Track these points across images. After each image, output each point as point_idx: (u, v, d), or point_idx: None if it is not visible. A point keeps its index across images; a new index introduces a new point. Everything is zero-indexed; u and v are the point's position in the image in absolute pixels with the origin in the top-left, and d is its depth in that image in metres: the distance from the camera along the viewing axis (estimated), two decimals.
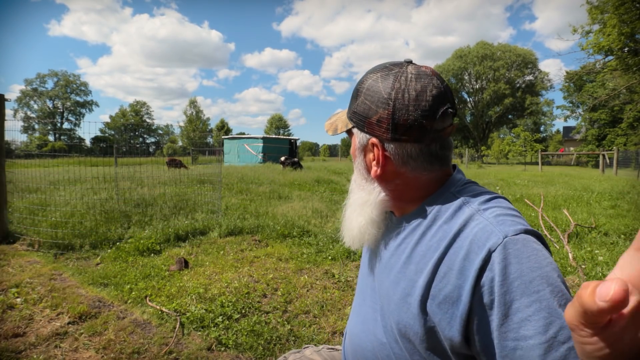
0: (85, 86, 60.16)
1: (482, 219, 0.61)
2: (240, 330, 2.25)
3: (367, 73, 0.73)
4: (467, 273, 0.57)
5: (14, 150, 7.93)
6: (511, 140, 37.46)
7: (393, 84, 0.66)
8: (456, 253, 0.60)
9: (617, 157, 17.25)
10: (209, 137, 42.35)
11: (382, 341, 0.72)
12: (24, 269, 3.20)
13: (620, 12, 13.55)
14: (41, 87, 57.04)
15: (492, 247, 0.56)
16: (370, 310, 0.78)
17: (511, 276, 0.53)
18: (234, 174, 10.65)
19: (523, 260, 0.54)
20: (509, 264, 0.54)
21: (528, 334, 0.51)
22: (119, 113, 61.92)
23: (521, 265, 0.54)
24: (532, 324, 0.51)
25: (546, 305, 0.51)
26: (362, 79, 0.73)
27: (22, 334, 2.14)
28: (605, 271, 2.87)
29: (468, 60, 45.45)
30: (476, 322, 0.56)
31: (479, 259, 0.56)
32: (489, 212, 0.62)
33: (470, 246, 0.58)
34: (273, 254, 3.75)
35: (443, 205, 0.67)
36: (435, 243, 0.64)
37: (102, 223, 4.50)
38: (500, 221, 0.59)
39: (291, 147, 25.28)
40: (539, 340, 0.50)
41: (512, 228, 0.57)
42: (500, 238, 0.56)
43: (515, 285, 0.53)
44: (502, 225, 0.58)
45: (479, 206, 0.64)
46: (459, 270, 0.58)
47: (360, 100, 0.71)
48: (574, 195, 7.67)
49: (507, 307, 0.53)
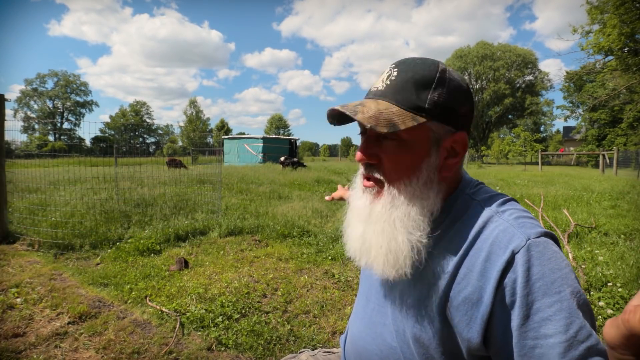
0: (85, 86, 60.25)
1: (502, 220, 0.61)
2: (240, 330, 2.25)
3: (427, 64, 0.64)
4: (489, 274, 0.57)
5: (14, 150, 7.93)
6: (511, 140, 37.46)
7: (462, 77, 0.67)
8: (476, 255, 0.60)
9: (617, 157, 17.26)
10: (209, 137, 42.35)
11: (391, 345, 0.70)
12: (24, 269, 3.19)
13: (620, 12, 13.54)
14: (41, 87, 57.11)
15: (516, 249, 0.56)
16: (376, 312, 0.75)
17: (534, 277, 0.54)
18: (234, 174, 10.66)
19: (545, 262, 0.55)
20: (532, 265, 0.55)
21: (549, 333, 0.52)
22: (119, 113, 61.97)
23: (543, 267, 0.55)
24: (553, 323, 0.52)
25: (567, 305, 0.52)
26: (429, 67, 0.64)
27: (22, 334, 2.14)
28: (605, 271, 2.87)
29: (468, 60, 45.47)
30: (497, 322, 0.56)
31: (501, 261, 0.56)
32: (507, 214, 0.62)
33: (492, 248, 0.58)
34: (273, 254, 3.75)
35: (461, 207, 0.67)
36: (454, 245, 0.63)
37: (102, 223, 4.50)
38: (521, 223, 0.60)
39: (291, 147, 25.29)
40: (560, 339, 0.51)
41: (533, 231, 0.58)
42: (524, 240, 0.56)
43: (537, 286, 0.54)
44: (524, 228, 0.59)
45: (497, 208, 0.64)
46: (480, 272, 0.58)
47: (445, 91, 0.63)
48: (574, 195, 7.67)
49: (529, 307, 0.54)
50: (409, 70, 0.64)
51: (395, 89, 0.63)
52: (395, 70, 0.66)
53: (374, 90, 0.66)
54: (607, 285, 2.61)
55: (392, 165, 0.64)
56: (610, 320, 0.42)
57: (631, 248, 3.74)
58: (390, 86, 0.64)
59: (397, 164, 0.64)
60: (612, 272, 2.85)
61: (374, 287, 0.77)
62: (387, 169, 0.65)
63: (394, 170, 0.64)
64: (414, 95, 0.62)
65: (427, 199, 0.64)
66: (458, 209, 0.66)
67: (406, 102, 0.62)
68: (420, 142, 0.63)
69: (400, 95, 0.62)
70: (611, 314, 2.25)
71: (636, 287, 2.60)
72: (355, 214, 0.70)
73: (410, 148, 0.63)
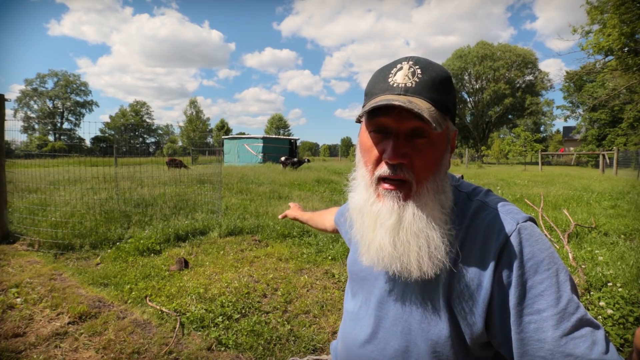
0: (85, 86, 60.24)
1: (491, 209, 0.67)
2: (240, 330, 2.25)
3: (439, 65, 0.67)
4: (486, 260, 0.62)
5: (14, 150, 7.94)
6: (511, 140, 37.46)
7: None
8: (472, 242, 0.64)
9: (617, 157, 17.26)
10: (209, 137, 42.37)
11: (396, 349, 0.69)
12: (24, 269, 3.19)
13: (621, 12, 13.54)
14: (41, 87, 57.10)
15: (508, 233, 0.62)
16: (377, 317, 0.73)
17: (525, 257, 0.60)
18: (234, 174, 10.66)
19: (533, 243, 0.61)
20: (523, 247, 0.60)
21: (542, 308, 0.57)
22: (119, 113, 61.98)
23: (532, 248, 0.60)
24: (544, 298, 0.57)
25: (555, 281, 0.58)
26: (444, 69, 0.66)
27: (22, 334, 2.14)
28: (605, 271, 2.87)
29: (468, 60, 45.44)
30: (496, 304, 0.61)
31: (496, 246, 0.61)
32: (493, 203, 0.68)
33: (486, 234, 0.63)
34: (273, 254, 3.75)
35: (454, 199, 0.70)
36: (451, 237, 0.65)
37: (102, 223, 4.50)
38: (508, 210, 0.66)
39: (291, 147, 25.30)
40: (552, 313, 0.56)
41: (520, 216, 0.64)
42: (514, 225, 0.62)
43: (529, 266, 0.59)
44: (512, 214, 0.65)
45: (483, 198, 0.70)
46: (477, 257, 0.63)
47: (454, 93, 0.68)
48: (574, 195, 7.67)
49: (523, 285, 0.59)
50: (431, 70, 0.64)
51: (426, 87, 0.62)
52: (417, 67, 0.64)
53: (402, 86, 0.62)
54: (607, 285, 2.60)
55: (424, 164, 0.63)
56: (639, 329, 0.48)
57: (631, 248, 3.74)
58: (420, 84, 0.62)
59: (428, 162, 0.64)
60: (612, 272, 2.85)
61: (376, 290, 0.75)
62: (419, 168, 0.63)
63: (424, 169, 0.64)
64: (443, 95, 0.63)
65: (447, 192, 0.67)
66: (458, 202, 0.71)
67: (438, 101, 0.62)
68: (442, 139, 0.65)
69: (434, 95, 0.62)
70: (611, 313, 2.25)
71: (636, 287, 2.60)
72: (377, 219, 0.65)
73: (436, 146, 0.64)
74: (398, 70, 0.64)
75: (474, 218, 0.66)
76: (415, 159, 0.63)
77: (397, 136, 0.63)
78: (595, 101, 21.03)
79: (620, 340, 2.09)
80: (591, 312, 2.37)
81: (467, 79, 47.19)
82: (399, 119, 0.62)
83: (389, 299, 0.72)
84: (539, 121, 46.43)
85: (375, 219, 0.65)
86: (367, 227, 0.67)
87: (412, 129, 0.62)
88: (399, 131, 0.63)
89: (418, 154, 0.63)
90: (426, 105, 0.60)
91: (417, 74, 0.63)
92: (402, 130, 0.63)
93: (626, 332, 2.12)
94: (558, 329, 0.55)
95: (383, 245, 0.64)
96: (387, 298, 0.72)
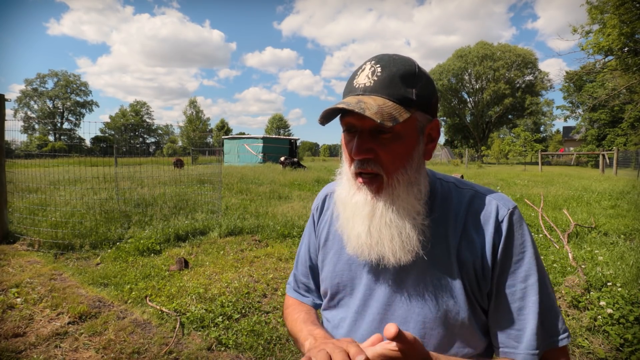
0: (85, 86, 60.26)
1: (482, 196, 0.75)
2: (240, 330, 2.25)
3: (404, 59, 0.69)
4: (483, 238, 0.71)
5: (14, 150, 7.94)
6: (511, 140, 37.44)
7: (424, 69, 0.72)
8: (470, 226, 0.72)
9: (617, 157, 17.26)
10: (209, 137, 42.37)
11: None
12: (24, 269, 3.20)
13: (620, 12, 13.53)
14: (41, 87, 57.14)
15: (501, 217, 0.71)
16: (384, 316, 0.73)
17: (511, 239, 0.70)
18: (234, 174, 10.66)
19: (518, 228, 0.71)
20: (511, 230, 0.70)
21: (514, 283, 0.69)
22: (119, 113, 62.02)
23: (517, 232, 0.71)
24: (517, 274, 0.69)
25: (527, 261, 0.69)
26: (408, 62, 0.68)
27: (22, 334, 2.14)
28: (605, 271, 2.87)
29: (468, 60, 45.44)
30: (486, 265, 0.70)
31: (492, 228, 0.70)
32: (482, 191, 0.76)
33: (483, 219, 0.72)
34: (273, 254, 3.75)
35: (443, 189, 0.77)
36: (452, 223, 0.73)
37: (102, 223, 4.50)
38: (498, 197, 0.75)
39: (291, 147, 25.29)
40: (521, 287, 0.68)
41: (510, 202, 0.73)
42: (506, 210, 0.71)
43: (513, 246, 0.70)
44: (503, 200, 0.74)
45: (472, 187, 0.77)
46: (475, 238, 0.71)
47: (423, 84, 0.68)
48: (574, 195, 7.67)
49: (506, 263, 0.70)
50: (392, 66, 0.67)
51: (384, 84, 0.66)
52: (378, 66, 0.67)
53: (362, 86, 0.67)
54: (607, 285, 2.61)
55: (390, 157, 0.67)
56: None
57: (631, 248, 3.75)
58: (378, 82, 0.66)
59: (394, 155, 0.67)
60: (612, 272, 2.85)
61: (382, 286, 0.75)
62: (385, 162, 0.67)
63: (391, 162, 0.67)
64: (402, 89, 0.66)
65: (420, 183, 0.71)
66: (443, 191, 0.77)
67: (397, 96, 0.65)
68: (410, 132, 0.68)
69: (391, 90, 0.65)
70: (611, 313, 2.26)
71: (636, 286, 2.60)
72: (355, 210, 0.71)
73: (403, 139, 0.67)
74: (361, 72, 0.69)
75: (470, 205, 0.74)
76: (381, 153, 0.67)
77: (361, 133, 0.67)
78: (595, 101, 21.05)
79: (620, 340, 2.09)
80: (591, 312, 2.37)
81: (467, 79, 47.19)
82: (361, 117, 0.65)
83: (401, 292, 0.73)
84: (538, 121, 46.45)
85: (354, 209, 0.71)
86: (348, 217, 0.73)
87: (375, 125, 0.65)
88: (363, 128, 0.67)
89: (383, 148, 0.67)
90: (380, 102, 0.63)
91: (376, 73, 0.67)
92: (366, 128, 0.67)
93: (626, 332, 2.12)
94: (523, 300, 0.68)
95: (360, 233, 0.70)
96: (398, 292, 0.73)
